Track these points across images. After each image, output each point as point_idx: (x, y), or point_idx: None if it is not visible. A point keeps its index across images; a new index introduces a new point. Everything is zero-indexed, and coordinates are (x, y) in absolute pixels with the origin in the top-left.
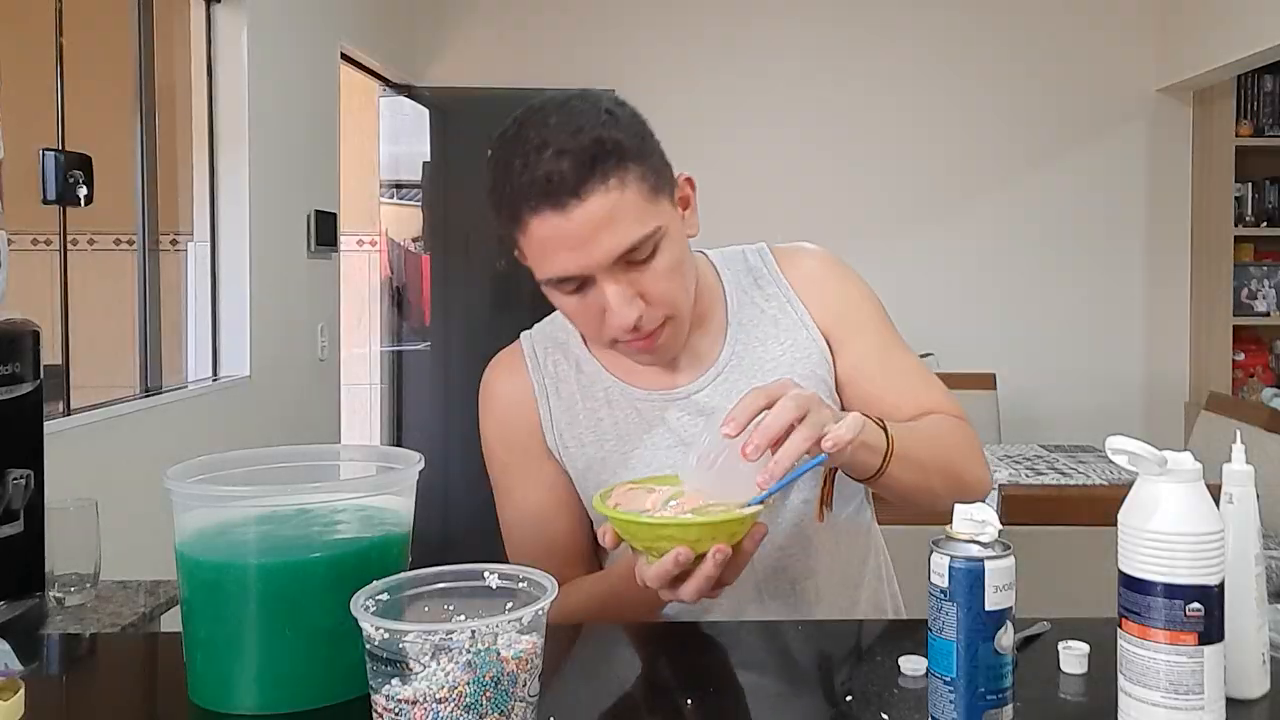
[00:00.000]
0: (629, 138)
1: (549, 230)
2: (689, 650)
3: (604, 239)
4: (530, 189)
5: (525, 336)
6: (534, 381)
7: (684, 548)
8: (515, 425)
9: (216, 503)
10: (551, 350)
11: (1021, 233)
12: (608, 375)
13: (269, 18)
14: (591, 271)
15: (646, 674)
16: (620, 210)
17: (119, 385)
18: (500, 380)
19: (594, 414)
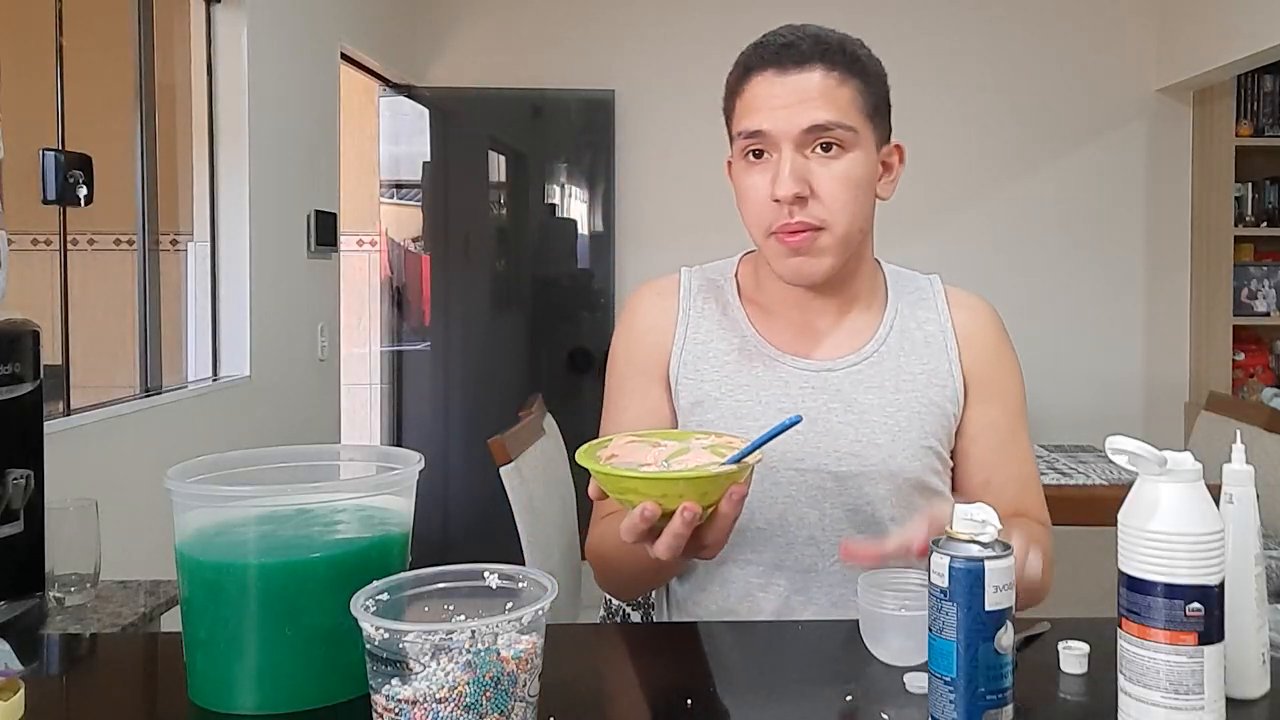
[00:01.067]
0: (870, 64)
1: (763, 88)
2: (689, 650)
3: (802, 109)
4: (766, 50)
5: (684, 269)
6: (681, 308)
7: (650, 503)
8: (647, 344)
9: (216, 503)
10: (705, 287)
11: (1021, 232)
12: (749, 325)
13: (269, 18)
14: (778, 133)
15: (646, 674)
16: (829, 96)
17: (119, 385)
18: (648, 299)
19: (722, 356)
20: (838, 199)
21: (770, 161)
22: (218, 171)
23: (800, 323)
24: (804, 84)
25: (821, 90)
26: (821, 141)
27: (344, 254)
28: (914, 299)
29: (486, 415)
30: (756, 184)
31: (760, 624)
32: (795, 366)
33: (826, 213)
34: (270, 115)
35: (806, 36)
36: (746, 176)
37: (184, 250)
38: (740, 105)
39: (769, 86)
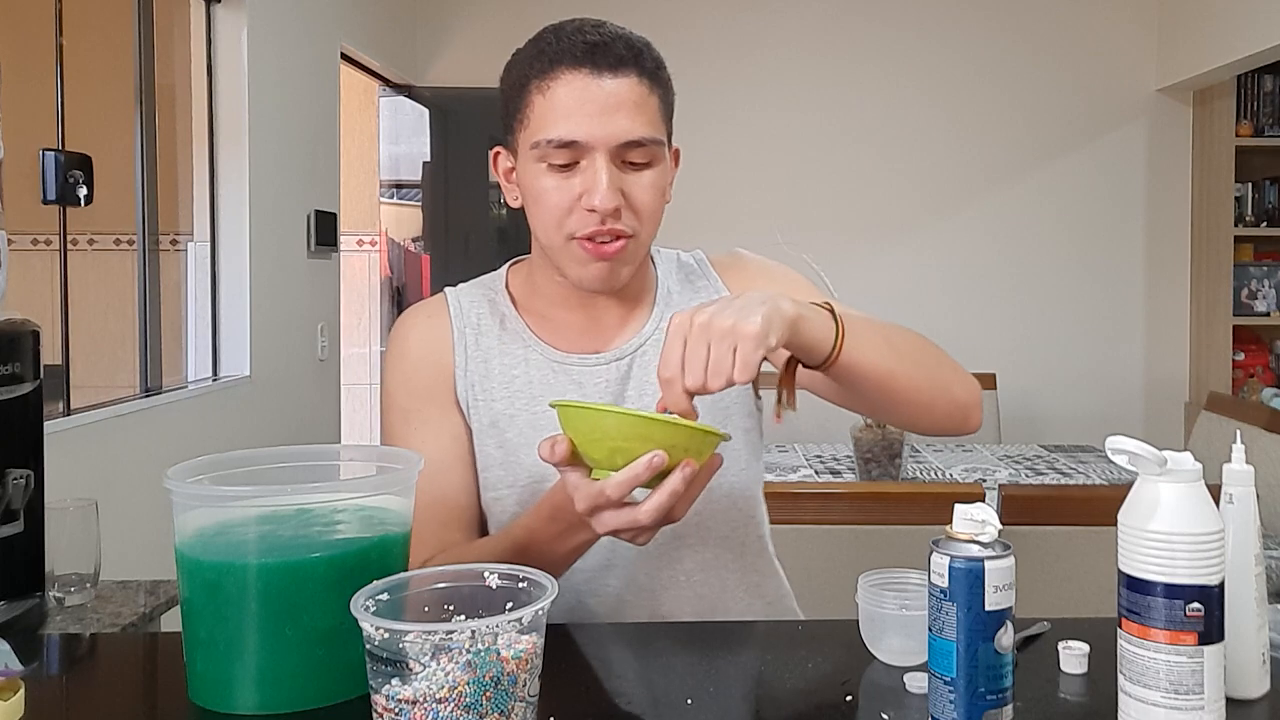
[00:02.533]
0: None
1: (577, 89)
2: (689, 650)
3: (623, 119)
4: (578, 46)
5: (450, 290)
6: (454, 328)
7: (662, 451)
8: (425, 370)
9: (216, 503)
10: (477, 302)
11: (1022, 232)
12: (530, 334)
13: (269, 18)
14: (596, 143)
15: (646, 674)
16: (643, 106)
17: (119, 385)
18: (417, 324)
19: (509, 370)
20: (648, 208)
21: (579, 170)
22: (218, 171)
23: (583, 321)
24: (618, 91)
25: (635, 100)
26: (633, 156)
27: (344, 254)
28: (680, 277)
29: None
30: (560, 189)
31: (760, 624)
32: (585, 365)
33: (637, 222)
34: (270, 115)
35: (616, 37)
36: (545, 180)
37: (184, 250)
38: (542, 103)
39: (582, 90)
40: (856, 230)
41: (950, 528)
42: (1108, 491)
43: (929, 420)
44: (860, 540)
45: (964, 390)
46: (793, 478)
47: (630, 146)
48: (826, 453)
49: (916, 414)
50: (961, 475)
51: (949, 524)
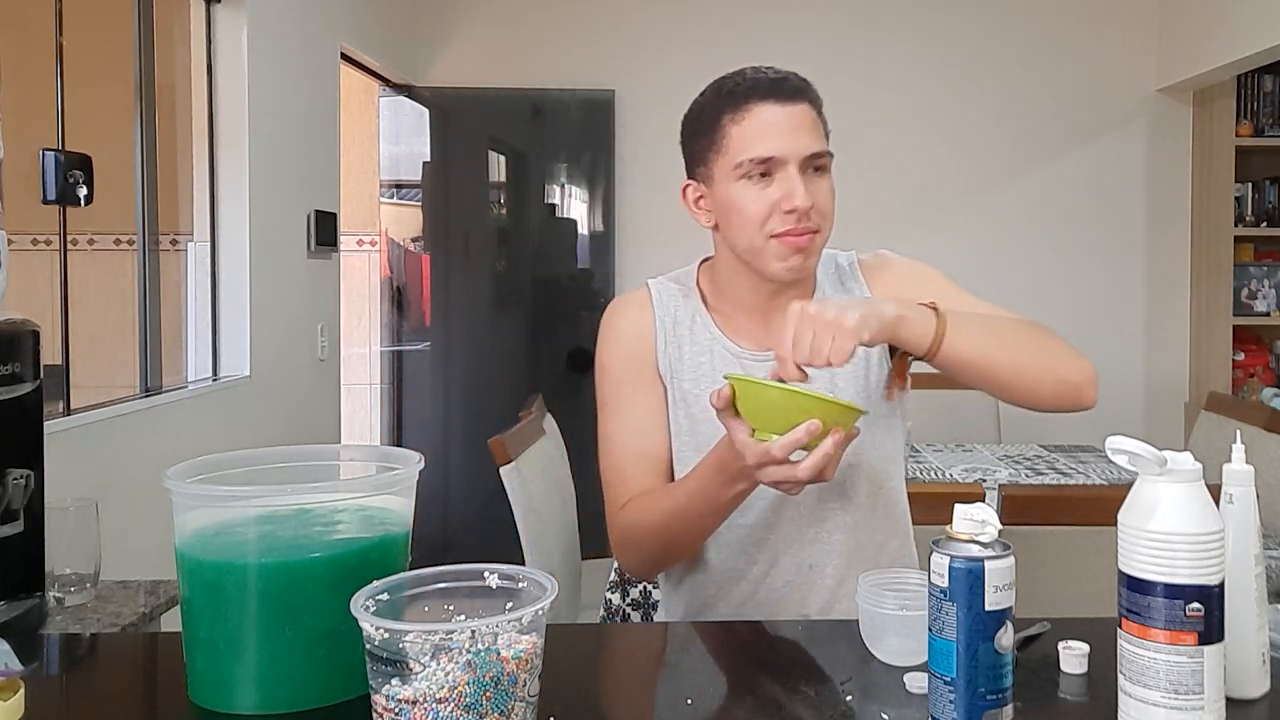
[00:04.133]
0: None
1: (769, 116)
2: (689, 650)
3: (806, 135)
4: (762, 84)
5: (651, 283)
6: (656, 318)
7: (817, 420)
8: (636, 348)
9: (216, 503)
10: (674, 297)
11: (1021, 232)
12: (716, 329)
13: (269, 18)
14: (789, 156)
15: (647, 674)
16: (815, 126)
17: (119, 385)
18: (627, 312)
19: (697, 356)
20: (828, 208)
21: (775, 179)
22: (218, 171)
23: (758, 323)
24: (799, 115)
25: (811, 121)
26: (815, 165)
27: (344, 254)
28: (835, 278)
29: (486, 415)
30: (761, 198)
31: (760, 624)
32: (755, 359)
33: (821, 219)
34: (270, 115)
35: (789, 74)
36: (747, 192)
37: (184, 250)
38: (740, 131)
39: (774, 115)
40: (855, 231)
41: (950, 528)
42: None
43: (1035, 399)
44: None
45: (1073, 371)
46: None
47: (814, 157)
48: None
49: (1023, 395)
50: (961, 475)
51: (949, 524)
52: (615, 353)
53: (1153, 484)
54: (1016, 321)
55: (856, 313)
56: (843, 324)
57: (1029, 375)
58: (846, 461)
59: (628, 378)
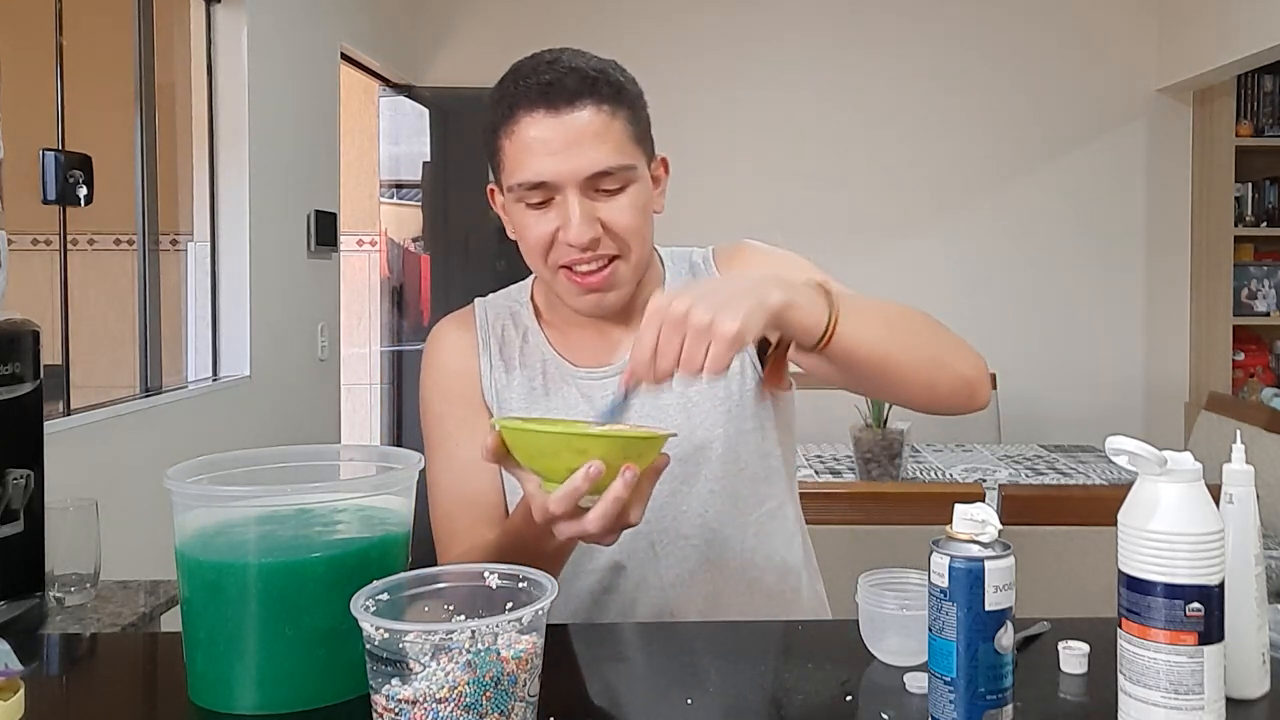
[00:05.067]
0: (629, 85)
1: (537, 130)
2: (689, 650)
3: (585, 151)
4: (532, 90)
5: (479, 300)
6: (479, 338)
7: (598, 461)
8: (457, 375)
9: (216, 503)
10: (501, 314)
11: (1022, 232)
12: (549, 348)
13: (269, 18)
14: (564, 180)
15: (646, 674)
16: (606, 133)
17: (119, 385)
18: (447, 334)
19: (529, 381)
20: (629, 230)
21: (554, 205)
22: (218, 171)
23: (594, 336)
24: (578, 123)
25: (595, 131)
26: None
27: (344, 254)
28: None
29: None
30: (538, 225)
31: (760, 624)
32: (592, 378)
33: (620, 244)
34: (270, 115)
35: (569, 70)
36: (525, 219)
37: (184, 250)
38: (511, 149)
39: (543, 129)
40: (855, 231)
41: (950, 528)
42: (1108, 491)
43: (931, 398)
44: (860, 540)
45: (968, 366)
46: None
47: (598, 177)
48: (826, 453)
49: (917, 393)
50: (961, 475)
51: (949, 524)
52: (434, 383)
53: (1153, 484)
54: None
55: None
56: (720, 330)
57: (925, 371)
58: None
59: (449, 411)
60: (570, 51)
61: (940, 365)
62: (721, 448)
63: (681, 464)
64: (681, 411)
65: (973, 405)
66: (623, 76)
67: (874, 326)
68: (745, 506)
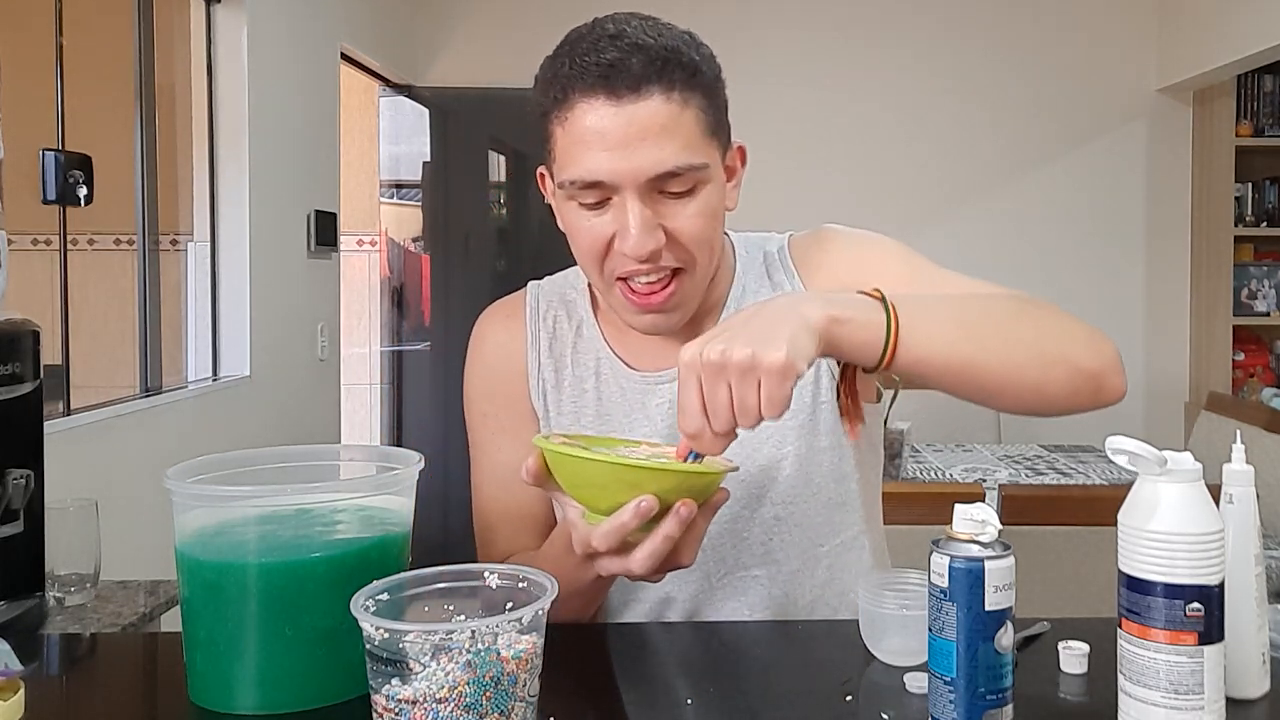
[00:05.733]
0: (707, 66)
1: (594, 119)
2: (689, 650)
3: (648, 149)
4: (590, 70)
5: (533, 285)
6: (529, 331)
7: (650, 497)
8: (502, 373)
9: (216, 503)
10: (555, 304)
11: (1021, 232)
12: (604, 345)
13: (269, 18)
14: (622, 181)
15: (646, 674)
16: (674, 127)
17: (119, 385)
18: (494, 325)
19: (580, 383)
20: (697, 240)
21: (611, 206)
22: (218, 171)
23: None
24: (643, 115)
25: (662, 124)
26: (668, 187)
27: (344, 254)
28: (760, 270)
29: None
30: (593, 229)
31: (760, 624)
32: (648, 383)
33: (685, 255)
34: (270, 115)
35: (635, 48)
36: (578, 219)
37: (184, 250)
38: (564, 138)
39: (600, 119)
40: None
41: (950, 528)
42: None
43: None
44: None
45: (1088, 356)
46: None
47: (664, 179)
48: None
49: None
50: (961, 475)
51: (949, 524)
52: (478, 379)
53: (1153, 484)
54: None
55: (780, 339)
56: (766, 363)
57: (1030, 372)
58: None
59: (491, 411)
60: (637, 20)
61: (1048, 362)
62: (791, 468)
63: (744, 485)
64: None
65: (1102, 400)
66: (698, 55)
67: (948, 331)
68: (817, 536)
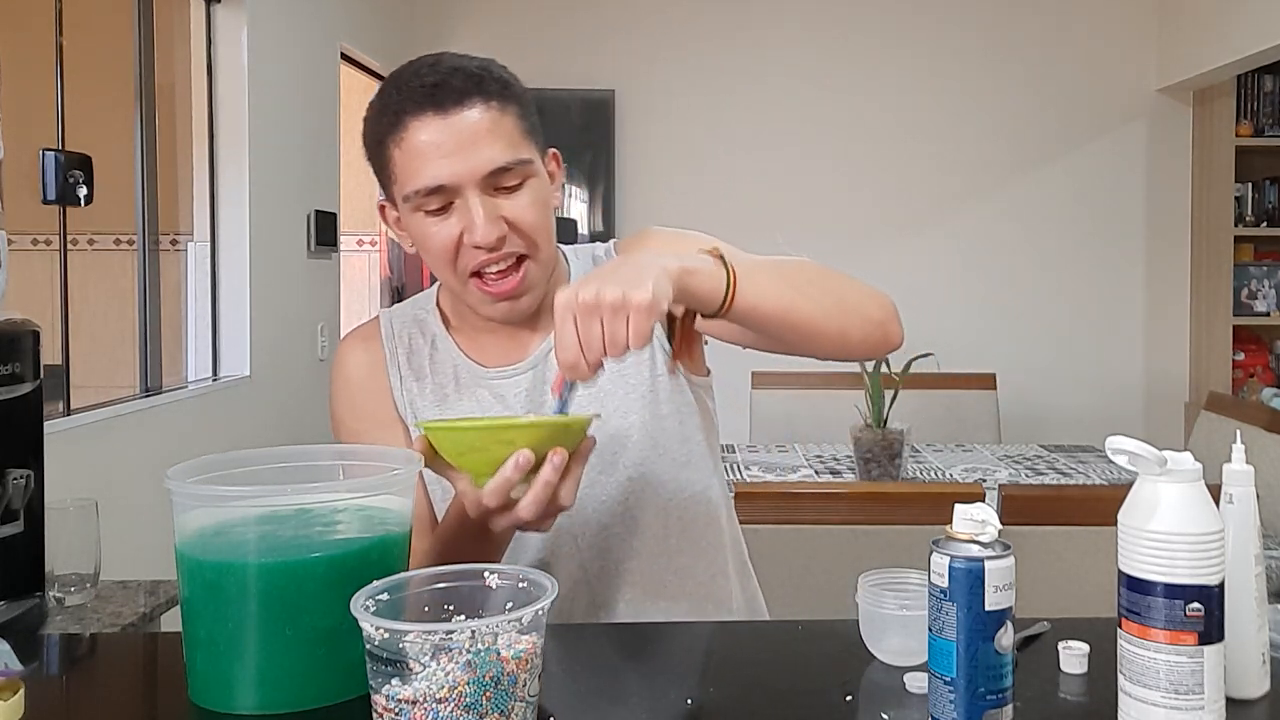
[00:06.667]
0: (514, 81)
1: (428, 134)
2: (689, 650)
3: (480, 149)
4: (417, 92)
5: (383, 313)
6: (386, 350)
7: (526, 450)
8: (367, 391)
9: (216, 503)
10: (408, 324)
11: (1022, 233)
12: (459, 353)
13: (269, 18)
14: (462, 181)
15: (646, 674)
16: (498, 129)
17: (119, 385)
18: (354, 348)
19: (441, 389)
20: (535, 226)
21: (455, 209)
22: (218, 171)
23: (505, 337)
24: (470, 122)
25: (487, 127)
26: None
27: (344, 254)
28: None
29: None
30: (442, 232)
31: (760, 624)
32: (503, 376)
33: (527, 242)
34: (270, 115)
35: (454, 70)
36: (427, 227)
37: (184, 250)
38: (402, 156)
39: (434, 132)
40: (855, 231)
41: (950, 528)
42: (1108, 491)
43: (844, 345)
44: (860, 540)
45: (875, 307)
46: (793, 477)
47: (497, 174)
48: (826, 453)
49: (829, 342)
50: (961, 475)
51: (949, 524)
52: (344, 400)
53: (1153, 484)
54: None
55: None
56: (634, 300)
57: (835, 319)
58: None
59: (361, 428)
60: (448, 54)
61: (848, 311)
62: (638, 434)
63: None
64: (595, 402)
65: (887, 346)
66: (506, 73)
67: (774, 283)
68: (666, 491)
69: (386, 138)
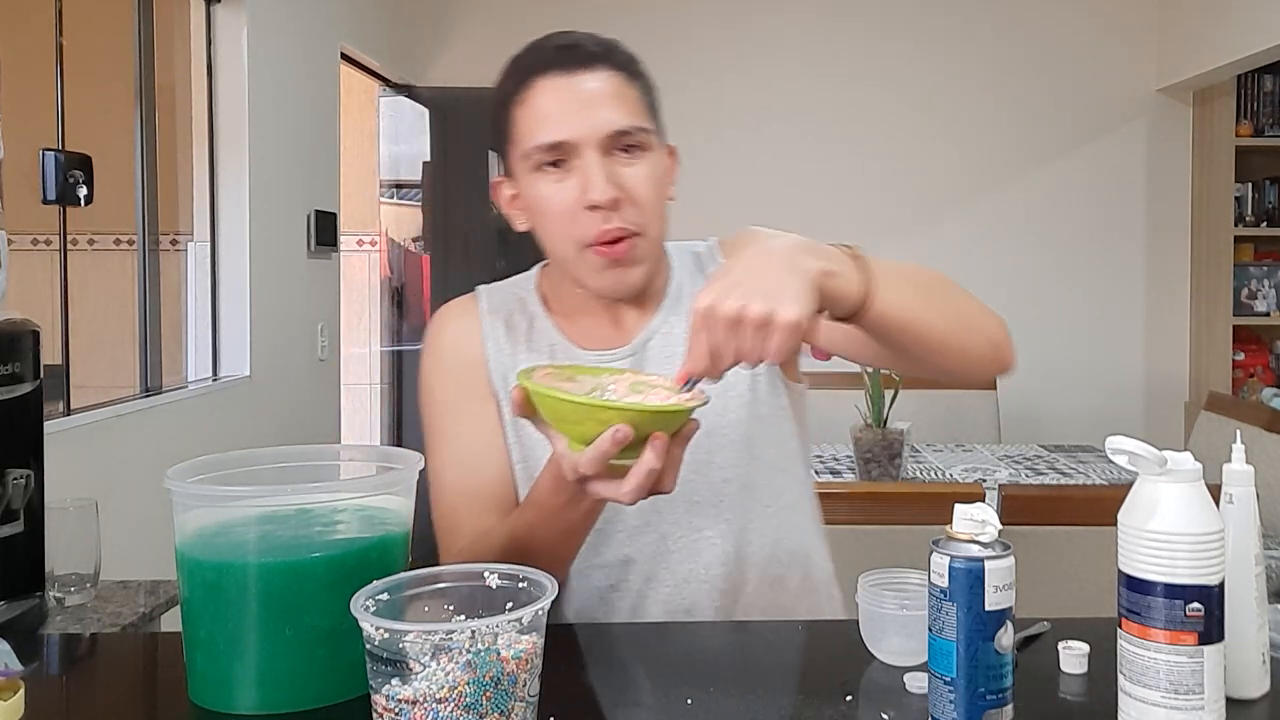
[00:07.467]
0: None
1: (552, 93)
2: (689, 650)
3: (603, 111)
4: (548, 53)
5: (481, 288)
6: (484, 323)
7: (625, 425)
8: (461, 361)
9: (216, 503)
10: (507, 301)
11: (1021, 233)
12: (556, 332)
13: (269, 18)
14: (582, 138)
15: (646, 674)
16: (622, 95)
17: (119, 385)
18: (450, 321)
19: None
20: (647, 200)
21: (572, 169)
22: (218, 171)
23: (606, 321)
24: (595, 86)
25: (613, 91)
26: (623, 144)
27: (344, 254)
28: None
29: None
30: (558, 194)
31: (760, 624)
32: (601, 360)
33: (641, 217)
34: (270, 115)
35: (585, 37)
36: (543, 188)
37: (184, 250)
38: (524, 114)
39: (558, 91)
40: (854, 232)
41: (950, 528)
42: (1108, 491)
43: (964, 364)
44: (860, 540)
45: (995, 328)
46: None
47: (618, 136)
48: (826, 453)
49: (951, 359)
50: (961, 475)
51: (949, 524)
52: (437, 370)
53: (1153, 484)
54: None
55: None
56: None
57: (958, 335)
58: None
59: (453, 399)
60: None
61: (970, 328)
62: (736, 434)
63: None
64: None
65: (1001, 368)
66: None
67: (907, 291)
68: (763, 497)
69: (510, 99)
